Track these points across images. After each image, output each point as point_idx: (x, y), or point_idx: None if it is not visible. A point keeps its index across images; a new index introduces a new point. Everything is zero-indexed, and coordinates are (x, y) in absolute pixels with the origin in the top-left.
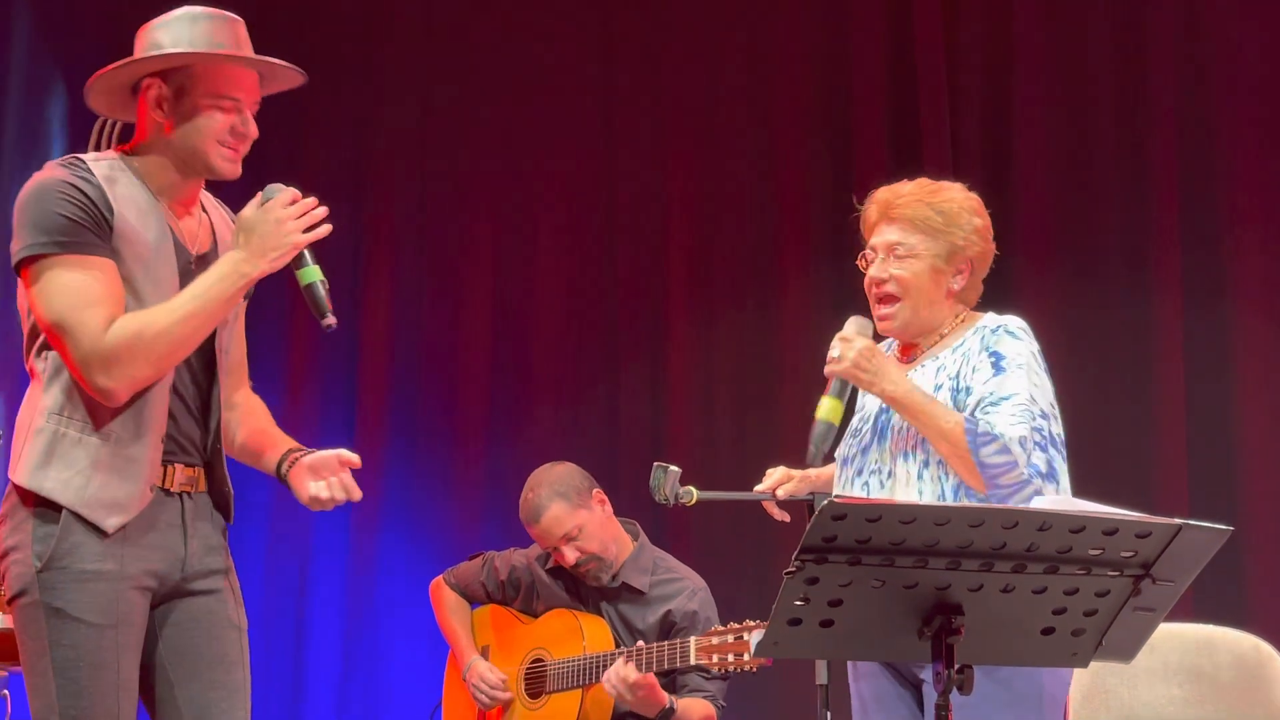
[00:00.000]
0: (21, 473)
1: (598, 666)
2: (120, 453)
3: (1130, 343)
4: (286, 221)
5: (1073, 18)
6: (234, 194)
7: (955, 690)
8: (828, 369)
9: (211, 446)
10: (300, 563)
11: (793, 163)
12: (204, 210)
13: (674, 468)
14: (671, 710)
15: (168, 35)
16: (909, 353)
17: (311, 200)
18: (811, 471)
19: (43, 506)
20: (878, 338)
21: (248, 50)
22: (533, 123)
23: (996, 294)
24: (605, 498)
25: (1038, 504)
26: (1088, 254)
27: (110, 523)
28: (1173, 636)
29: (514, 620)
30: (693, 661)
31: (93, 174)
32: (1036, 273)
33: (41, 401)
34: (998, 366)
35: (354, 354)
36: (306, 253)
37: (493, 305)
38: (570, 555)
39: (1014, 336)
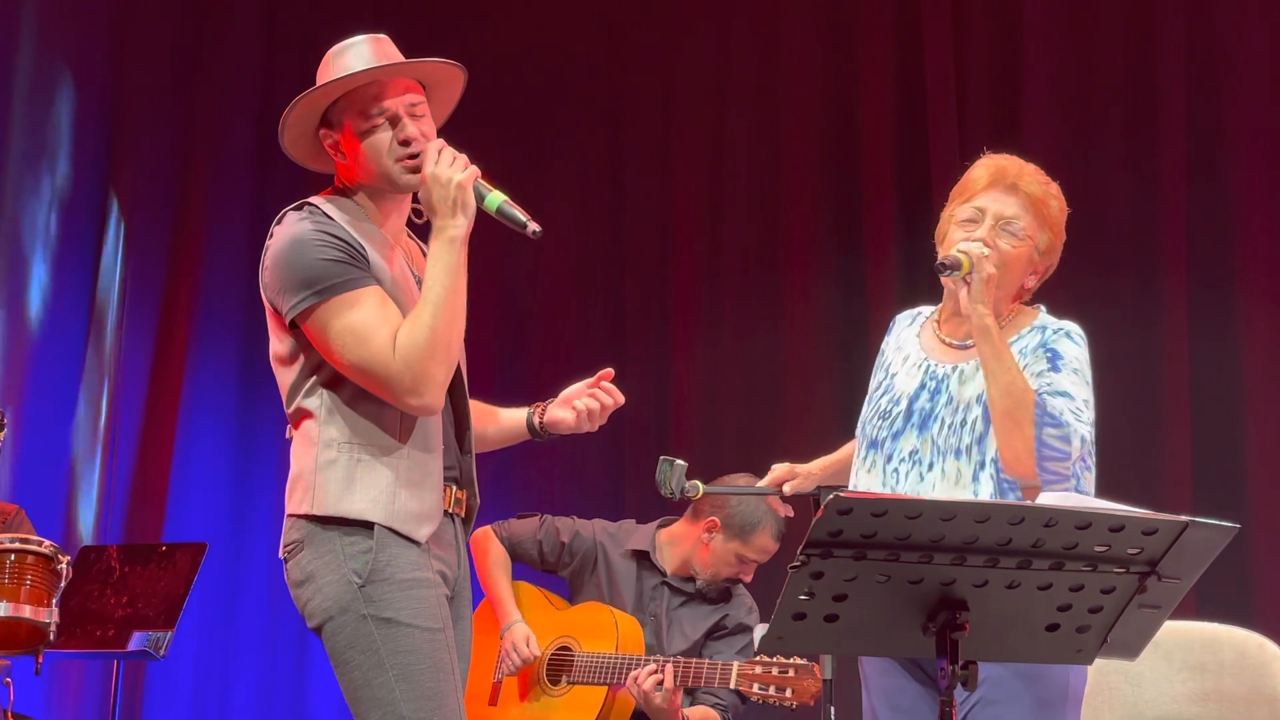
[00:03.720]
0: (321, 503)
1: (627, 669)
2: (416, 467)
3: (1136, 339)
4: (443, 171)
5: (1082, 20)
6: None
7: (962, 686)
8: (979, 256)
9: (469, 468)
10: None
11: (799, 159)
12: (408, 235)
13: (680, 462)
14: None
15: (319, 82)
16: (959, 332)
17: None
18: (814, 466)
19: (348, 528)
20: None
21: (386, 60)
22: (543, 118)
23: None
24: None
25: (1044, 500)
26: (1094, 251)
27: (421, 532)
28: (1177, 634)
29: (546, 603)
30: (733, 687)
31: (331, 216)
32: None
33: (324, 434)
34: (1055, 365)
35: None
36: (479, 185)
37: (498, 299)
38: (749, 576)
39: (1073, 341)
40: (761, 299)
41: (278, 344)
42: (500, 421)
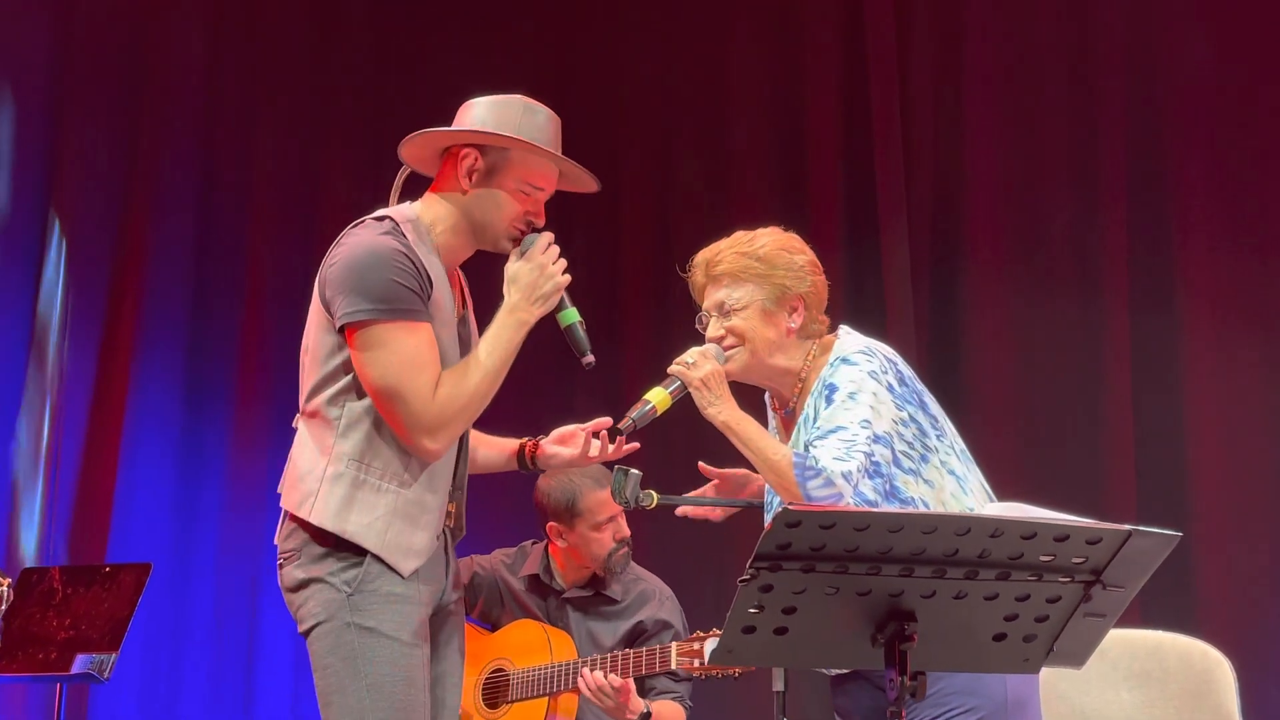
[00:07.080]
0: (320, 514)
1: (565, 674)
2: (415, 501)
3: (1078, 352)
4: (548, 266)
5: (1022, 36)
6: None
7: (911, 697)
8: (680, 370)
9: (462, 480)
10: (252, 562)
11: (748, 175)
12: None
13: (635, 471)
14: (648, 715)
15: (496, 115)
16: (783, 405)
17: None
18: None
19: (343, 545)
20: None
21: (559, 149)
22: None
23: (949, 307)
24: None
25: (989, 511)
26: (1037, 264)
27: (406, 566)
28: (1123, 642)
29: (474, 633)
30: (673, 667)
31: (410, 244)
32: (987, 285)
33: (338, 447)
34: (829, 399)
35: None
36: (565, 295)
37: None
38: (624, 530)
39: (848, 363)
40: None
41: (316, 341)
42: (488, 448)
